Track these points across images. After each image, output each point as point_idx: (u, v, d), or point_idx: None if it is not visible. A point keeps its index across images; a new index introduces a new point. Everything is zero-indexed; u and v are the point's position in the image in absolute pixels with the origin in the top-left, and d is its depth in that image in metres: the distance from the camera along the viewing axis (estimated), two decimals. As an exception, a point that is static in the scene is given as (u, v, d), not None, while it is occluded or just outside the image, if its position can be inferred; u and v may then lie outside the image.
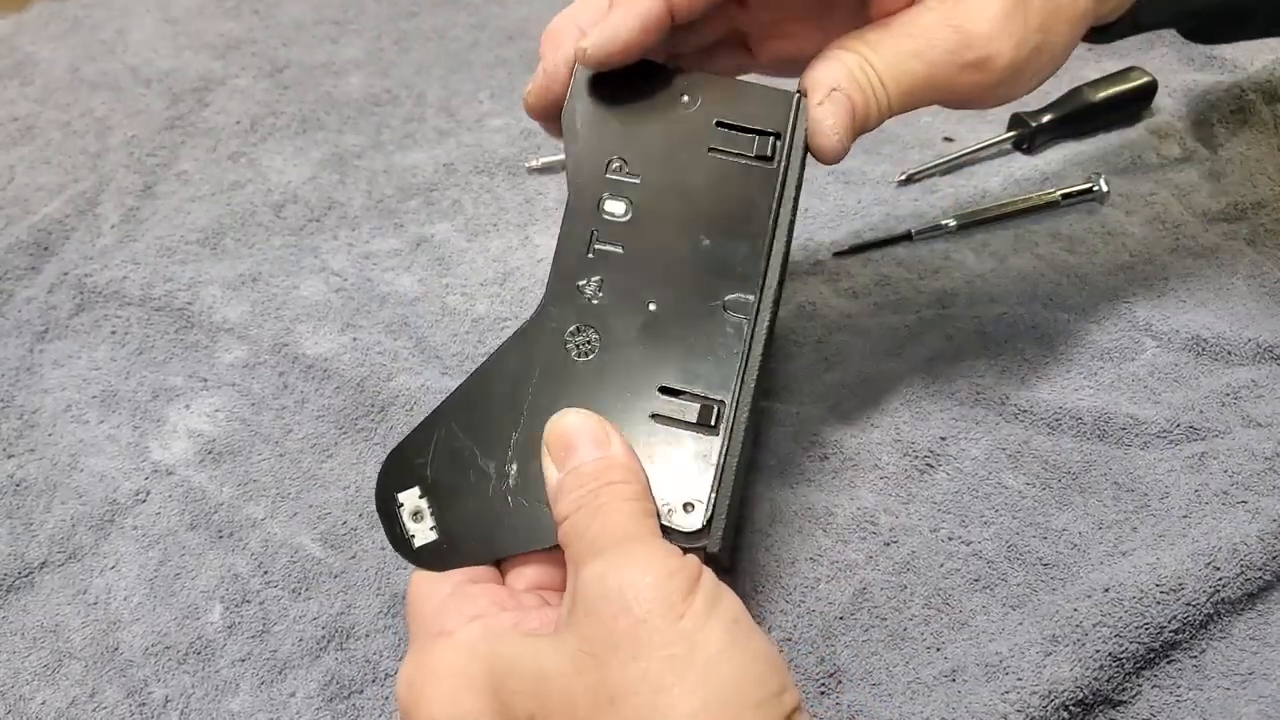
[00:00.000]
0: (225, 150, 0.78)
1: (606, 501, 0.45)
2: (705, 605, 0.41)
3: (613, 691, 0.40)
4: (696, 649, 0.40)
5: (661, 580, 0.41)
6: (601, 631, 0.40)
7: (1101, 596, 0.54)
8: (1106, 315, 0.68)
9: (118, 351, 0.66)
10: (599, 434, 0.47)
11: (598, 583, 0.41)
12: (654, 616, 0.40)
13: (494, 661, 0.42)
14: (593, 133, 0.52)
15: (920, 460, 0.61)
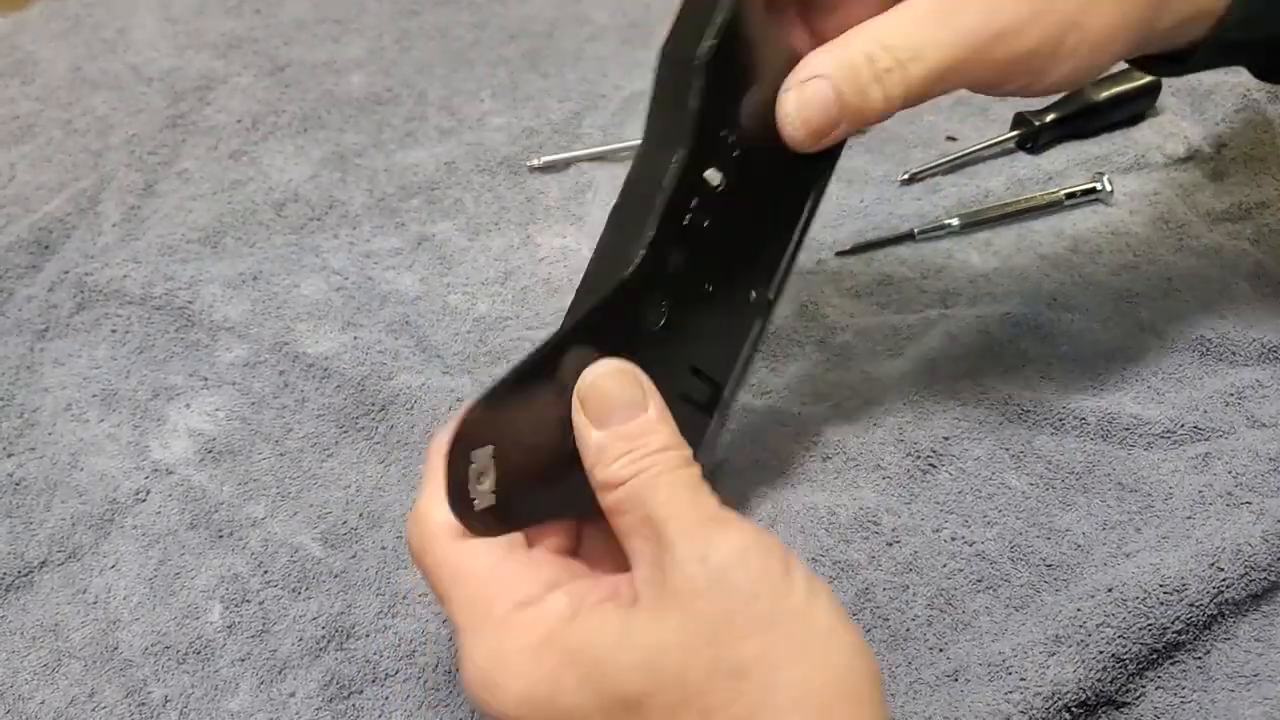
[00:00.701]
0: (226, 149, 0.78)
1: (662, 471, 0.43)
2: (806, 583, 0.41)
3: (730, 668, 0.39)
4: (811, 626, 0.40)
5: (762, 558, 0.41)
6: (713, 609, 0.40)
7: (1105, 596, 0.54)
8: (1110, 315, 0.67)
9: (118, 350, 0.66)
10: (636, 395, 0.45)
11: (699, 564, 0.40)
12: (763, 595, 0.40)
13: (594, 635, 0.41)
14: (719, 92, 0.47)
15: (923, 460, 0.61)
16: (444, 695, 0.53)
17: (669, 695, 0.40)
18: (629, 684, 0.40)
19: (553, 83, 0.83)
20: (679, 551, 0.41)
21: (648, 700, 0.40)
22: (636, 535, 0.43)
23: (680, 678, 0.39)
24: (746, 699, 0.39)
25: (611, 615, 0.42)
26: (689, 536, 0.41)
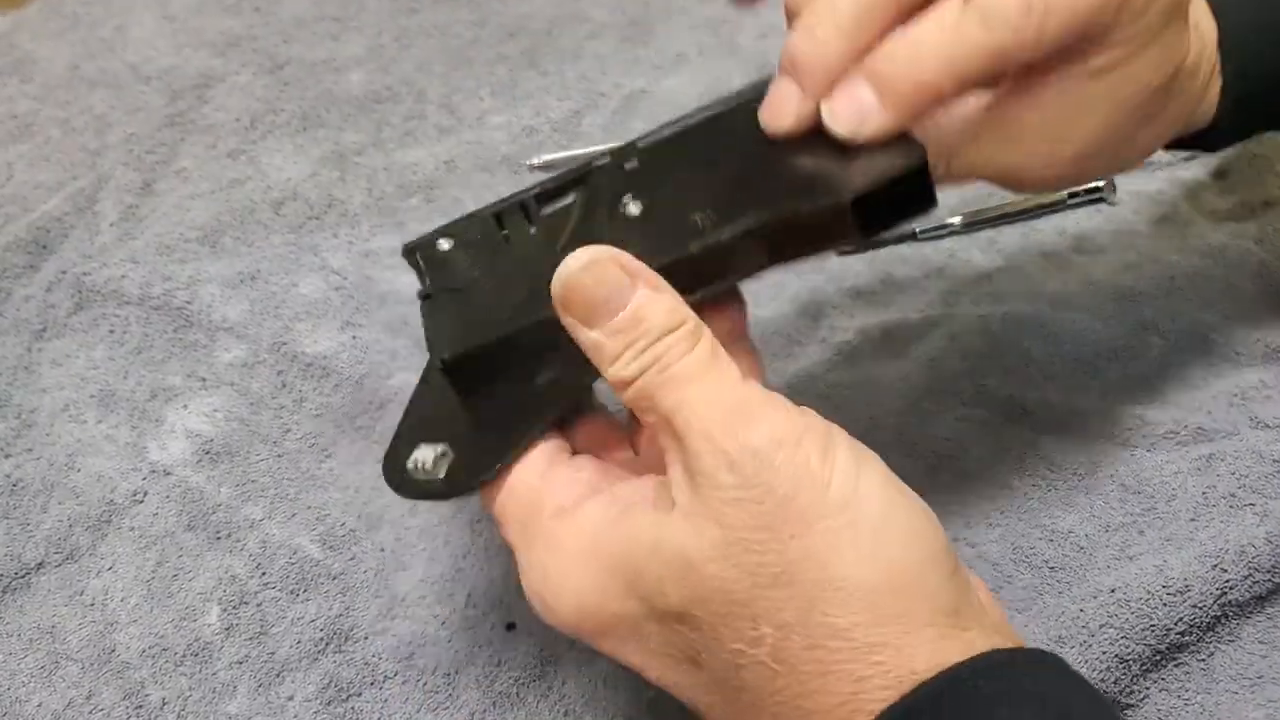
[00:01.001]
0: (225, 147, 0.78)
1: (671, 362, 0.39)
2: (849, 463, 0.38)
3: (774, 574, 0.37)
4: (858, 516, 0.37)
5: (794, 450, 0.37)
6: (746, 517, 0.37)
7: (1108, 598, 0.54)
8: (1113, 315, 0.67)
9: (116, 350, 0.66)
10: (619, 279, 0.41)
11: (727, 472, 0.37)
12: (802, 490, 0.37)
13: (630, 544, 0.39)
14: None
15: (924, 461, 0.60)
16: (443, 698, 0.53)
17: (714, 606, 0.38)
18: (671, 596, 0.38)
19: (552, 81, 0.83)
20: (704, 461, 0.38)
21: (692, 610, 0.38)
22: (663, 433, 0.40)
23: (720, 590, 0.38)
24: (795, 603, 0.37)
25: (647, 523, 0.39)
26: (711, 441, 0.38)
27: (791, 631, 0.37)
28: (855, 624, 0.36)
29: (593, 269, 0.40)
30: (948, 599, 0.38)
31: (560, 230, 0.48)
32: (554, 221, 0.49)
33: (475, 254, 0.50)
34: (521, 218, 0.51)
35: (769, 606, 0.37)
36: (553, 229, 0.49)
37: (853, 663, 0.36)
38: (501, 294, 0.48)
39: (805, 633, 0.37)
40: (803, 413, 0.39)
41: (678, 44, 0.86)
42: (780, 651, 0.37)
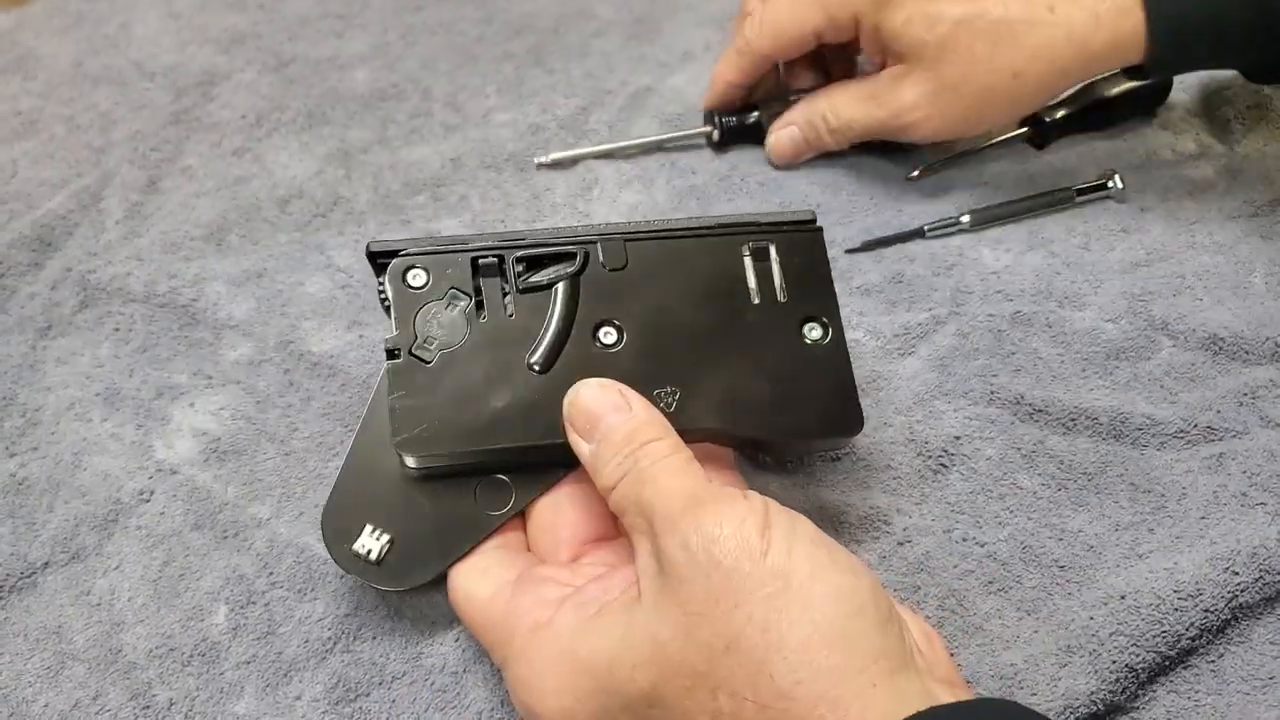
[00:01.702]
0: (230, 145, 0.78)
1: (649, 465, 0.46)
2: (783, 536, 0.43)
3: (726, 642, 0.41)
4: (789, 580, 0.42)
5: (737, 528, 0.43)
6: (699, 592, 0.42)
7: (1118, 604, 0.53)
8: (1122, 313, 0.67)
9: (121, 349, 0.65)
10: (618, 399, 0.49)
11: (682, 550, 0.43)
12: (742, 562, 0.42)
13: (601, 641, 0.44)
14: None
15: (934, 460, 0.60)
16: (451, 697, 0.53)
17: (678, 682, 0.42)
18: (640, 680, 0.43)
19: (558, 79, 0.83)
20: (664, 542, 0.44)
21: (660, 691, 0.42)
22: (635, 531, 0.46)
23: (684, 664, 0.42)
24: (744, 669, 0.41)
25: (615, 618, 0.44)
26: (672, 525, 0.44)
27: (745, 700, 0.41)
28: (798, 682, 0.40)
29: (596, 389, 0.49)
30: (877, 645, 0.42)
31: (536, 327, 0.53)
32: (531, 307, 0.53)
33: (446, 319, 0.52)
34: (498, 285, 0.53)
35: (725, 675, 0.41)
36: (529, 321, 0.53)
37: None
38: (472, 397, 0.51)
39: (755, 697, 0.41)
40: (748, 497, 0.45)
41: (684, 41, 0.86)
42: (737, 719, 0.41)
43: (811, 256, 0.56)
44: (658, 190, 0.75)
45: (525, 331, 0.52)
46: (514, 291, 0.53)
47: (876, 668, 0.41)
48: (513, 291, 0.53)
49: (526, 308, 0.53)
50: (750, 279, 0.55)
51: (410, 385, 0.51)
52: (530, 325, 0.53)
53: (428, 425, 0.50)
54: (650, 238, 0.55)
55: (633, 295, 0.54)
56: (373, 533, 0.51)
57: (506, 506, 0.53)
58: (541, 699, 0.45)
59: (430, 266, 0.53)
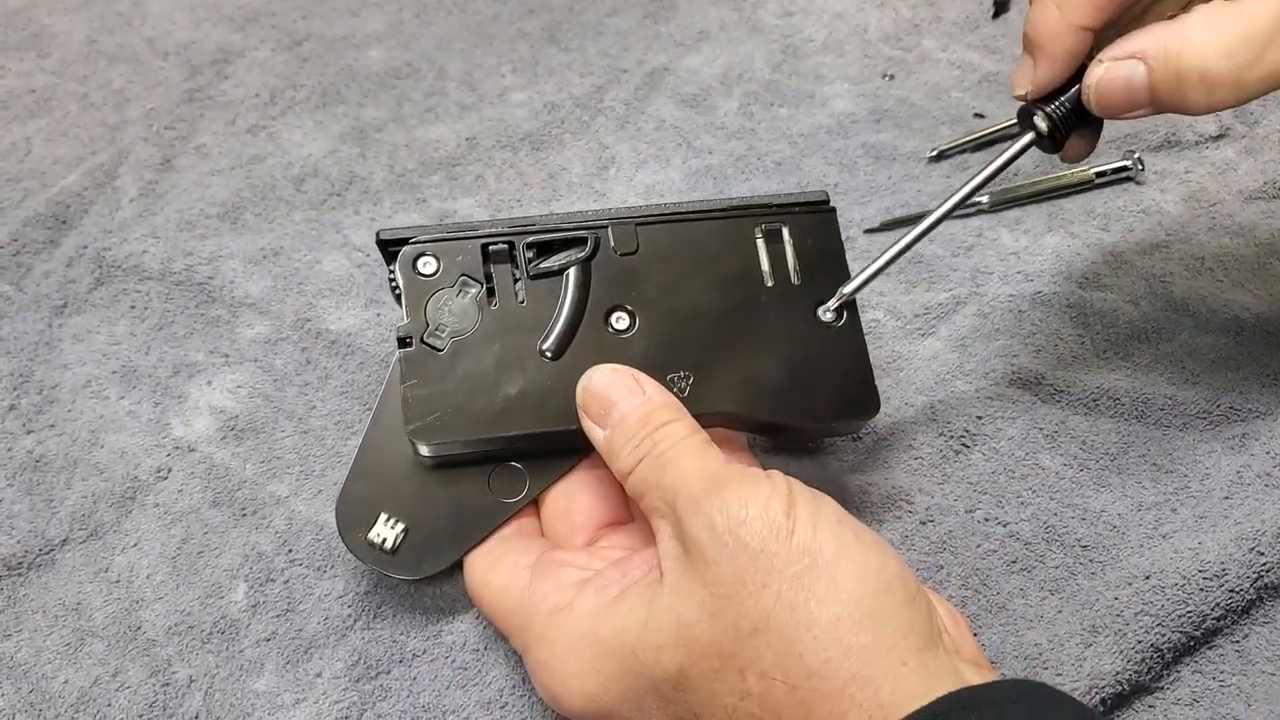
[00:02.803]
0: (244, 123, 0.77)
1: (667, 448, 0.46)
2: (808, 515, 0.43)
3: (753, 622, 0.41)
4: (815, 560, 0.41)
5: (762, 508, 0.42)
6: (725, 573, 0.42)
7: (1143, 584, 0.53)
8: (1143, 295, 0.66)
9: (138, 326, 0.65)
10: (631, 384, 0.48)
11: (707, 532, 0.42)
12: (768, 543, 0.42)
13: (624, 623, 0.44)
14: None
15: (956, 440, 0.60)
16: (472, 675, 0.52)
17: (706, 663, 0.42)
18: (666, 662, 0.42)
19: (574, 57, 0.82)
20: (688, 524, 0.43)
21: (687, 672, 0.42)
22: (655, 514, 0.46)
23: (711, 645, 0.42)
24: (773, 649, 0.41)
25: (638, 601, 0.44)
26: (696, 507, 0.43)
27: (774, 680, 0.40)
28: (827, 660, 0.40)
29: (609, 374, 0.49)
30: (905, 623, 0.41)
31: (548, 314, 0.52)
32: (543, 293, 0.53)
33: (458, 306, 0.52)
34: (509, 272, 0.53)
35: (753, 656, 0.41)
36: (540, 308, 0.52)
37: (830, 700, 0.40)
38: (485, 384, 0.51)
39: (784, 677, 0.40)
40: (771, 477, 0.44)
41: (700, 20, 0.85)
42: (766, 699, 0.41)
43: (825, 238, 0.56)
44: (674, 170, 0.75)
45: (537, 318, 0.52)
46: (525, 278, 0.53)
47: (906, 645, 0.41)
48: (524, 278, 0.53)
49: (538, 294, 0.53)
50: (764, 261, 0.55)
51: (422, 373, 0.51)
52: (542, 312, 0.52)
53: (440, 413, 0.50)
54: (661, 221, 0.54)
55: (645, 280, 0.53)
56: (387, 521, 0.51)
57: (521, 493, 0.52)
58: (563, 682, 0.45)
59: (440, 254, 0.52)
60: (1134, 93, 0.47)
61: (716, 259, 0.54)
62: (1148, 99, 0.47)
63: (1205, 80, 0.45)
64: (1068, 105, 0.50)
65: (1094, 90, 0.48)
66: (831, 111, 0.78)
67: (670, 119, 0.78)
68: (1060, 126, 0.51)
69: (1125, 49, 0.47)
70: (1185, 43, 0.45)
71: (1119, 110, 0.48)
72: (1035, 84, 0.50)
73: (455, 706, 0.52)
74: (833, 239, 0.56)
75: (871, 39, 0.84)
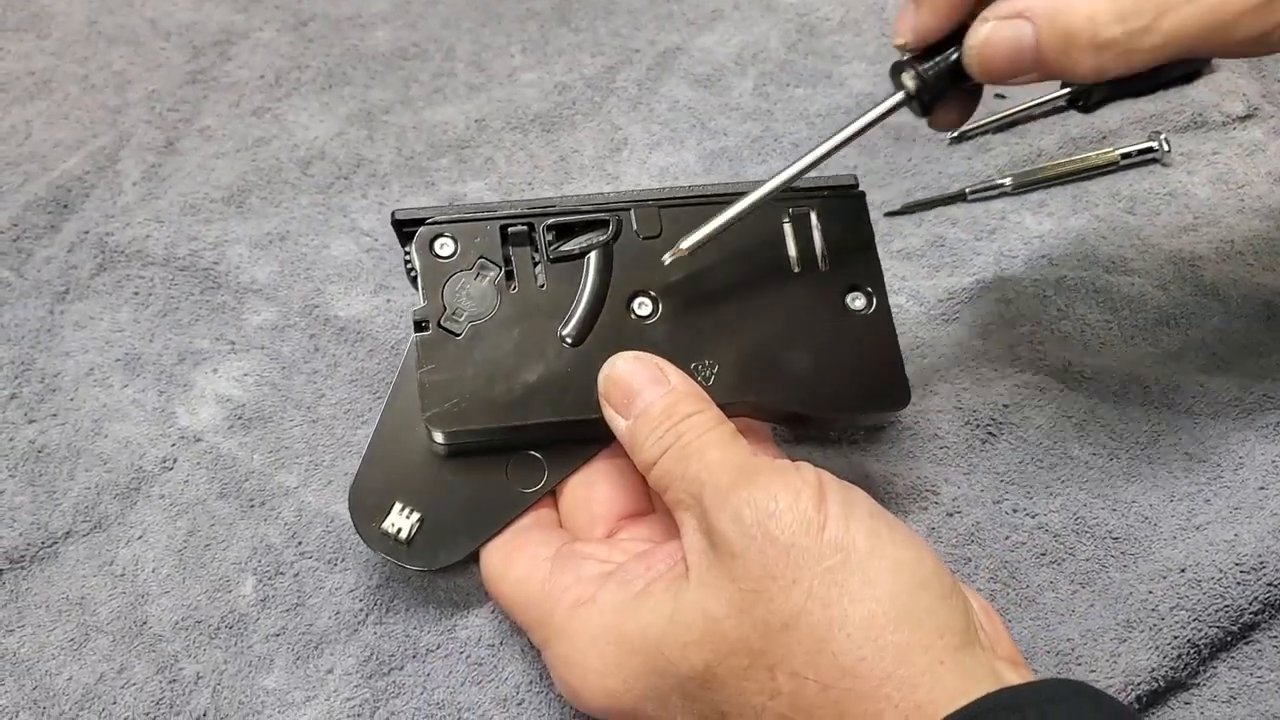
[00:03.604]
0: (249, 105, 0.76)
1: (692, 439, 0.44)
2: (840, 509, 0.42)
3: (784, 619, 0.40)
4: (849, 555, 0.40)
5: (792, 501, 0.41)
6: (754, 568, 0.40)
7: (1178, 577, 0.52)
8: (1171, 279, 0.65)
9: (141, 313, 0.64)
10: (655, 373, 0.47)
11: (734, 525, 0.41)
12: (799, 537, 0.40)
13: (649, 618, 0.42)
14: None
15: (982, 429, 0.58)
16: (487, 670, 0.51)
17: (735, 661, 0.40)
18: (693, 659, 0.41)
19: (584, 37, 0.80)
20: (715, 517, 0.42)
21: (714, 670, 0.41)
22: (679, 507, 0.44)
23: (740, 642, 0.40)
24: (804, 646, 0.39)
25: (663, 596, 0.43)
26: (723, 499, 0.42)
27: (805, 679, 0.39)
28: (861, 659, 0.39)
29: (632, 362, 0.47)
30: (942, 620, 0.40)
31: (568, 299, 0.51)
32: (563, 278, 0.51)
33: (476, 290, 0.51)
34: (529, 255, 0.52)
35: (783, 654, 0.40)
36: (561, 292, 0.51)
37: (865, 700, 0.38)
38: (503, 371, 0.50)
39: (817, 676, 0.39)
40: (800, 469, 0.43)
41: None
42: (797, 699, 0.39)
43: (854, 223, 0.54)
44: (688, 152, 0.73)
45: (557, 303, 0.51)
46: (545, 261, 0.51)
47: (943, 644, 0.39)
48: (543, 261, 0.51)
49: (558, 278, 0.51)
50: (790, 247, 0.53)
51: (439, 358, 0.49)
52: (562, 296, 0.51)
53: (458, 400, 0.49)
54: (685, 204, 0.53)
55: (668, 264, 0.52)
56: (402, 511, 0.50)
57: (539, 483, 0.51)
58: (585, 679, 0.44)
59: (458, 235, 0.51)
60: (1020, 55, 0.44)
61: (743, 243, 0.53)
62: (1033, 62, 0.44)
63: (1094, 44, 0.42)
64: (943, 66, 0.47)
65: (976, 51, 0.45)
66: (849, 92, 0.76)
67: (684, 100, 0.76)
68: (930, 88, 0.47)
69: (1012, 7, 0.44)
70: (1075, 3, 0.42)
71: (1002, 75, 0.45)
72: (916, 32, 0.47)
73: (470, 704, 0.50)
74: (862, 224, 0.54)
75: (889, 17, 0.82)
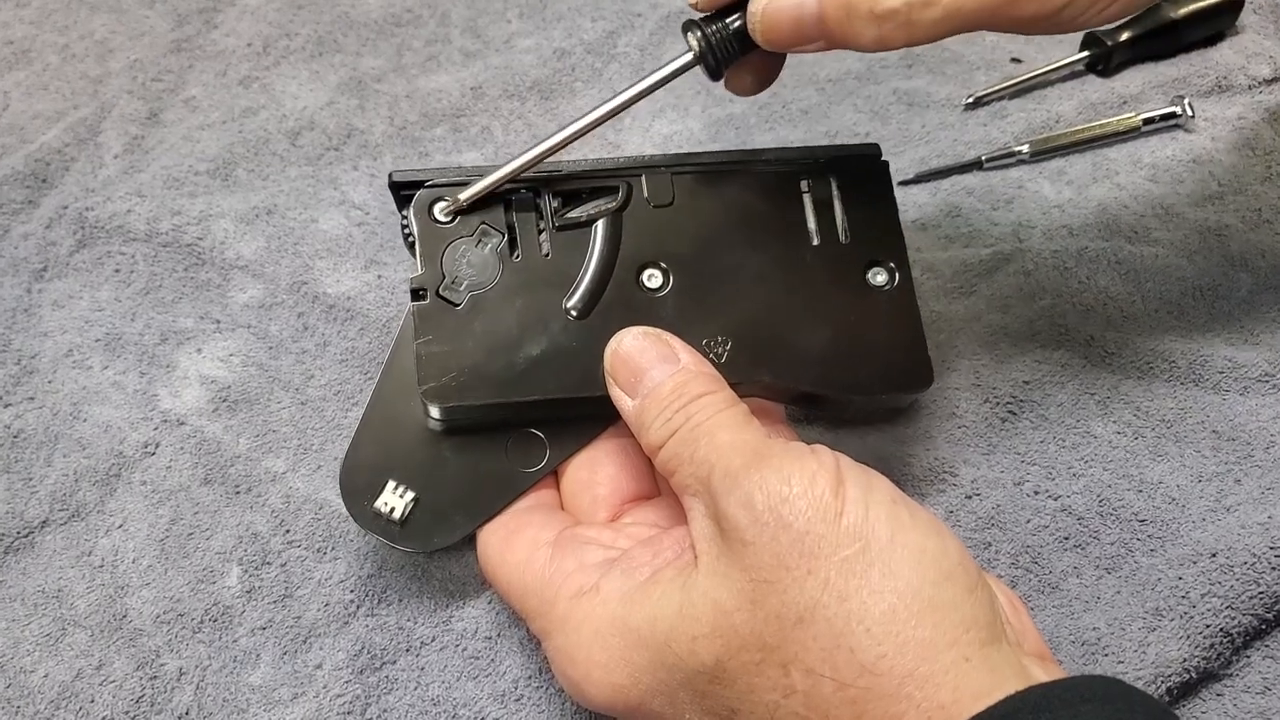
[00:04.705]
0: (235, 74, 0.73)
1: (702, 420, 0.42)
2: (859, 494, 0.39)
3: (798, 612, 0.37)
4: (868, 544, 0.38)
5: (807, 485, 0.39)
6: (766, 557, 0.38)
7: (1208, 562, 0.50)
8: (1197, 249, 0.62)
9: (122, 291, 0.62)
10: (664, 350, 0.45)
11: (745, 510, 0.39)
12: (814, 524, 0.38)
13: (655, 609, 0.40)
14: None
15: (1001, 407, 0.56)
16: (484, 664, 0.50)
17: (746, 656, 0.38)
18: (702, 654, 0.39)
19: (584, 1, 0.78)
20: (724, 502, 0.40)
21: (725, 665, 0.39)
22: (687, 492, 0.42)
23: (752, 636, 0.38)
24: (820, 642, 0.37)
25: (670, 586, 0.41)
26: (733, 483, 0.40)
27: (821, 676, 0.37)
28: (881, 656, 0.36)
29: (640, 338, 0.45)
30: (967, 614, 0.38)
31: (574, 269, 0.49)
32: (569, 246, 0.49)
33: (476, 258, 0.49)
34: (533, 221, 0.49)
35: (797, 649, 0.37)
36: (566, 262, 0.49)
37: (885, 700, 0.36)
38: (505, 344, 0.48)
39: (833, 674, 0.37)
40: (816, 452, 0.41)
41: (717, -38, 0.80)
42: (812, 698, 0.37)
43: (876, 194, 0.52)
44: (693, 119, 0.70)
45: (562, 273, 0.49)
46: (550, 229, 0.49)
47: (968, 639, 0.37)
48: (548, 228, 0.49)
49: (563, 247, 0.49)
50: (809, 218, 0.51)
51: (437, 329, 0.47)
52: (567, 266, 0.49)
53: (456, 373, 0.47)
54: (699, 171, 0.51)
55: (680, 234, 0.50)
56: (395, 490, 0.48)
57: (540, 463, 0.49)
58: (589, 673, 0.41)
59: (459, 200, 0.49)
60: (803, 24, 0.44)
61: (758, 214, 0.50)
62: (818, 31, 0.45)
63: (875, 15, 0.43)
64: (728, 30, 0.46)
65: (759, 19, 0.45)
66: (860, 56, 0.74)
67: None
68: (714, 51, 0.46)
69: None
70: None
71: (786, 43, 0.45)
72: None
73: (467, 699, 0.49)
74: (884, 195, 0.52)
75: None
